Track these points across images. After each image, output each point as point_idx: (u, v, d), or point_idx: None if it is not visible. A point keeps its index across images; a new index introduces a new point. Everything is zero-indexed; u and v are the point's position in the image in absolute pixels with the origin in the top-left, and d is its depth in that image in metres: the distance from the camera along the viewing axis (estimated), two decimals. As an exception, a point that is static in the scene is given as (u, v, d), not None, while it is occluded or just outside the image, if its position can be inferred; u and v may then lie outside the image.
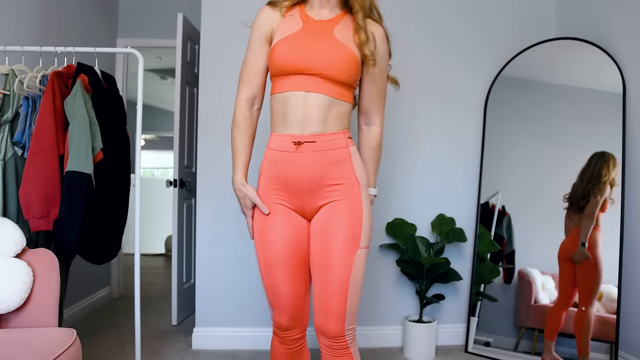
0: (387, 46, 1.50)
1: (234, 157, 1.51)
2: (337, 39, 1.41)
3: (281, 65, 1.41)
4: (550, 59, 2.65)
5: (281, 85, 1.43)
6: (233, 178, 1.51)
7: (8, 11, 2.40)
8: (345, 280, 1.37)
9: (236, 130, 1.50)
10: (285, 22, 1.46)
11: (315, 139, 1.40)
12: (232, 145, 1.52)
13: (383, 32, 1.49)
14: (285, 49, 1.40)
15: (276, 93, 1.45)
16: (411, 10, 2.81)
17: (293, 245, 1.44)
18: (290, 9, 1.49)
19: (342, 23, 1.46)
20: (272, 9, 1.49)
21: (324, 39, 1.41)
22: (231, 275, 2.70)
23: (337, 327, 1.37)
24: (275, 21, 1.47)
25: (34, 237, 1.94)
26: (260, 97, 1.54)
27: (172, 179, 3.09)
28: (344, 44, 1.41)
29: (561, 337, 2.36)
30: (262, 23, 1.48)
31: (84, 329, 2.94)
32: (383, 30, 1.50)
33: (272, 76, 1.48)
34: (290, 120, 1.41)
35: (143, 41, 3.76)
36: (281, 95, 1.43)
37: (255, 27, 1.50)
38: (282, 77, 1.43)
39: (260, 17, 1.49)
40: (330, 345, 1.40)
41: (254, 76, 1.50)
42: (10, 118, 1.98)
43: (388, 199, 2.76)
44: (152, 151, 9.03)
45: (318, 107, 1.39)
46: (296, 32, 1.42)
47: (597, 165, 2.38)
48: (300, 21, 1.45)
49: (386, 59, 1.51)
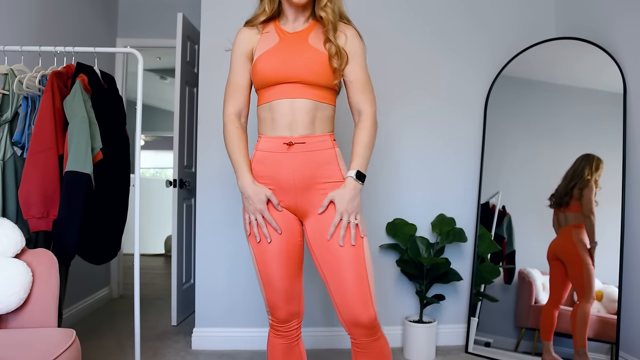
0: (360, 42, 1.58)
1: (235, 162, 1.55)
2: (312, 45, 1.51)
3: (265, 77, 1.50)
4: (551, 59, 2.65)
5: (267, 96, 1.52)
6: (241, 180, 1.53)
7: (7, 11, 2.40)
8: (362, 267, 1.44)
9: (230, 139, 1.56)
10: (263, 39, 1.55)
11: (305, 140, 1.48)
12: (230, 154, 1.56)
13: (354, 30, 1.58)
14: (266, 62, 1.50)
15: (263, 103, 1.54)
16: (411, 11, 2.81)
17: (286, 240, 1.52)
18: (266, 25, 1.59)
19: (315, 31, 1.55)
20: (249, 29, 1.59)
21: (300, 47, 1.51)
22: (231, 276, 2.69)
23: (370, 313, 1.44)
24: (253, 39, 1.57)
25: (34, 237, 1.94)
26: (245, 112, 1.61)
27: (172, 179, 3.09)
28: (319, 49, 1.50)
29: (561, 338, 2.36)
30: (241, 42, 1.58)
31: (83, 329, 2.94)
32: (354, 29, 1.58)
33: (257, 89, 1.57)
34: (279, 125, 1.50)
35: (143, 41, 3.76)
36: (267, 105, 1.52)
37: (235, 46, 1.59)
38: (267, 88, 1.52)
39: (239, 38, 1.59)
40: (366, 334, 1.46)
41: (239, 92, 1.59)
42: (9, 118, 1.97)
43: (388, 199, 2.76)
44: (152, 151, 9.02)
45: (304, 112, 1.48)
46: (274, 46, 1.52)
47: (581, 165, 2.42)
48: (276, 36, 1.55)
49: (362, 54, 1.58)
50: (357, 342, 1.48)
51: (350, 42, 1.54)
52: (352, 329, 1.47)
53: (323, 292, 2.72)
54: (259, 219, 1.51)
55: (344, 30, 1.55)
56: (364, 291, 1.44)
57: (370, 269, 1.47)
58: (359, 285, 1.44)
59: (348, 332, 1.49)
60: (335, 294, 1.47)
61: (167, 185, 3.18)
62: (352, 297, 1.43)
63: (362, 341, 1.47)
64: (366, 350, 1.48)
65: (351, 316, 1.45)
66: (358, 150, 1.52)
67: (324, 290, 2.71)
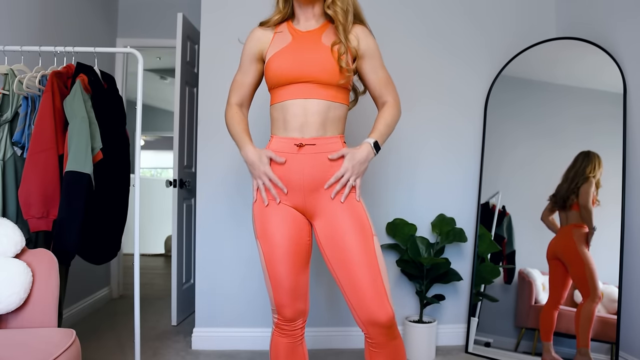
0: (373, 39, 1.61)
1: (235, 135, 1.61)
2: (325, 44, 1.52)
3: (278, 77, 1.51)
4: (551, 59, 2.65)
5: (280, 95, 1.53)
6: (244, 150, 1.57)
7: (7, 11, 2.40)
8: (374, 265, 1.45)
9: (231, 120, 1.63)
10: (276, 39, 1.57)
11: (316, 142, 1.50)
12: (231, 131, 1.63)
13: (365, 29, 1.60)
14: (280, 62, 1.51)
15: (275, 103, 1.56)
16: (412, 11, 2.81)
17: (294, 239, 1.52)
18: (279, 25, 1.61)
19: (329, 30, 1.56)
20: (262, 29, 1.62)
21: (314, 46, 1.52)
22: (231, 276, 2.69)
23: (388, 312, 1.42)
24: (265, 40, 1.59)
25: (34, 237, 1.94)
26: (247, 104, 1.69)
27: (172, 179, 3.09)
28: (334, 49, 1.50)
29: (562, 338, 2.36)
30: (252, 43, 1.61)
31: (83, 329, 2.94)
32: (365, 28, 1.61)
33: (270, 88, 1.58)
34: (291, 126, 1.51)
35: (143, 41, 3.76)
36: (280, 105, 1.53)
37: (246, 45, 1.63)
38: (280, 87, 1.53)
39: (251, 37, 1.62)
40: (384, 333, 1.44)
41: (243, 87, 1.65)
42: (9, 118, 1.97)
43: (388, 199, 2.76)
44: (152, 151, 9.02)
45: (317, 113, 1.49)
46: (287, 45, 1.54)
47: (582, 164, 2.41)
48: (289, 35, 1.56)
49: (376, 50, 1.61)
50: (374, 341, 1.46)
51: (363, 42, 1.56)
52: (370, 328, 1.45)
53: (324, 292, 2.72)
54: (266, 182, 1.52)
55: (355, 29, 1.56)
56: (379, 289, 1.43)
57: (382, 266, 1.47)
58: (373, 283, 1.43)
59: (365, 332, 1.47)
60: (349, 294, 1.46)
61: (167, 185, 3.18)
62: (368, 295, 1.42)
63: (379, 340, 1.45)
64: (383, 350, 1.46)
65: (368, 315, 1.43)
66: (380, 126, 1.58)
67: (324, 290, 2.71)
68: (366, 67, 1.59)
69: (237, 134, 1.60)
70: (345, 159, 1.49)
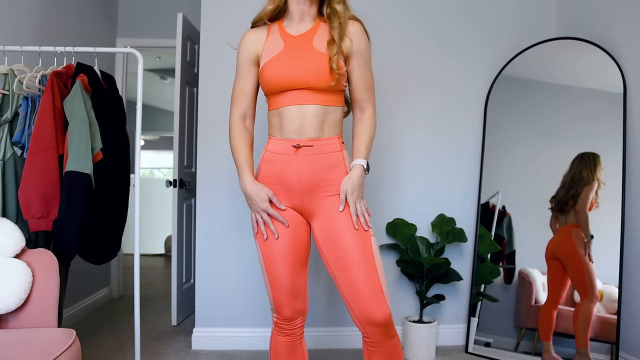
0: (366, 39, 1.57)
1: (238, 163, 1.58)
2: (317, 49, 1.50)
3: (272, 86, 1.52)
4: (551, 58, 2.65)
5: (276, 102, 1.53)
6: (242, 180, 1.56)
7: (7, 11, 2.40)
8: (371, 265, 1.46)
9: (234, 142, 1.59)
10: (269, 42, 1.55)
11: (313, 144, 1.50)
12: (234, 155, 1.59)
13: (361, 27, 1.56)
14: (272, 70, 1.50)
15: (273, 109, 1.56)
16: (412, 11, 2.81)
17: (292, 238, 1.54)
18: (271, 25, 1.59)
19: (320, 31, 1.54)
20: (254, 32, 1.60)
21: (306, 52, 1.50)
22: (231, 276, 2.69)
23: (384, 311, 1.43)
24: (259, 43, 1.57)
25: (34, 237, 1.94)
26: (251, 113, 1.63)
27: (172, 179, 3.09)
28: (324, 53, 1.49)
29: (562, 338, 2.36)
30: (246, 47, 1.58)
31: (83, 329, 2.94)
32: (360, 26, 1.56)
33: (266, 94, 1.58)
34: (287, 130, 1.51)
35: (143, 41, 3.76)
36: (277, 111, 1.54)
37: (240, 51, 1.60)
38: (276, 94, 1.53)
39: (244, 42, 1.60)
40: (381, 332, 1.44)
41: (243, 96, 1.61)
42: (9, 118, 1.97)
43: (388, 199, 2.76)
44: (151, 151, 9.03)
45: (313, 117, 1.49)
46: (280, 53, 1.52)
47: (578, 167, 2.41)
48: (281, 41, 1.54)
49: (367, 51, 1.58)
50: (371, 340, 1.47)
51: (356, 40, 1.53)
52: (367, 327, 1.45)
53: (323, 292, 2.72)
54: (265, 217, 1.52)
55: (349, 27, 1.53)
56: (376, 288, 1.44)
57: (379, 266, 1.47)
58: (370, 282, 1.44)
59: (362, 331, 1.48)
60: (346, 293, 1.47)
61: (167, 185, 3.18)
62: (365, 294, 1.43)
63: (376, 339, 1.46)
64: (380, 349, 1.47)
65: (365, 315, 1.44)
66: (364, 142, 1.56)
67: (323, 290, 2.71)
68: (353, 66, 1.55)
69: (238, 160, 1.57)
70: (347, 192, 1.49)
